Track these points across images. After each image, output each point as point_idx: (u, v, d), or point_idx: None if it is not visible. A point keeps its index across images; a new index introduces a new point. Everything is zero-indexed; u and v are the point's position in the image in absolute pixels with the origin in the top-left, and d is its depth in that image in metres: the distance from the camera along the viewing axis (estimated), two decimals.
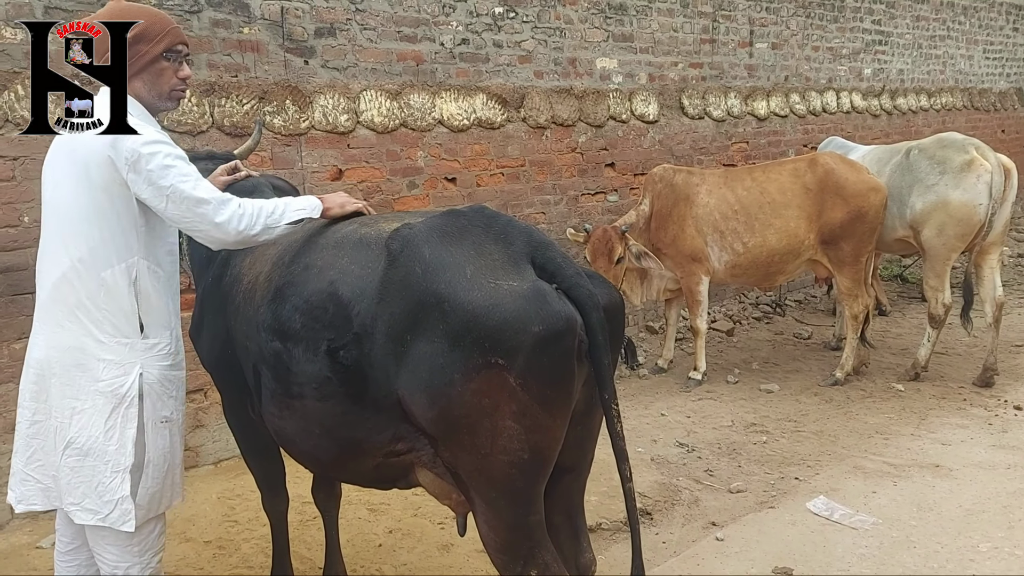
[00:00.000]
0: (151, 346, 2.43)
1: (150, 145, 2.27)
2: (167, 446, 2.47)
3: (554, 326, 2.09)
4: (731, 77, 8.06)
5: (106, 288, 2.35)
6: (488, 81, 6.03)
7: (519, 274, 2.18)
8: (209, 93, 4.62)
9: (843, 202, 5.65)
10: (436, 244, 2.22)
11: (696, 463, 4.66)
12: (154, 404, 2.42)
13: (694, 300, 5.96)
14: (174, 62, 2.42)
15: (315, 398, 2.35)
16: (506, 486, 2.18)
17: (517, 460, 2.14)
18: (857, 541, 3.69)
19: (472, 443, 2.15)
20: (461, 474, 2.24)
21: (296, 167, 5.01)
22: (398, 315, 2.19)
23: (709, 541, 3.75)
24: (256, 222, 2.40)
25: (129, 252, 2.37)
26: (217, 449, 4.76)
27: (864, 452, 4.71)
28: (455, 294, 2.12)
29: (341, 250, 2.44)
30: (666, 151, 7.41)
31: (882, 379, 6.03)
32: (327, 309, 2.32)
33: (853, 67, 9.59)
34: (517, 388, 2.09)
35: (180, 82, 2.46)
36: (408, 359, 2.17)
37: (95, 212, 2.31)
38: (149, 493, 2.43)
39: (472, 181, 6.01)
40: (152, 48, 2.35)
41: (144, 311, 2.41)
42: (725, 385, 6.03)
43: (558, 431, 2.20)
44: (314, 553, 3.68)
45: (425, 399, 2.16)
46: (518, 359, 2.07)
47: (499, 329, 2.07)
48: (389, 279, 2.24)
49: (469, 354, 2.09)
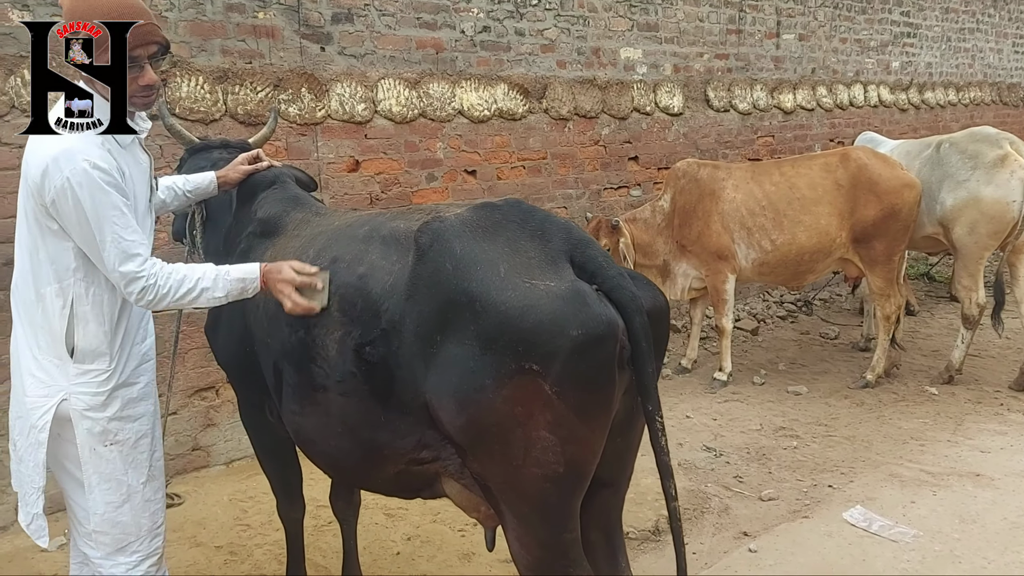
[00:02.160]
0: (82, 372, 2.27)
1: (80, 188, 2.07)
2: (117, 469, 2.32)
3: (594, 330, 1.93)
4: (757, 69, 7.85)
5: (42, 305, 2.23)
6: (509, 70, 5.86)
7: (557, 273, 2.01)
8: (222, 80, 4.46)
9: (876, 199, 5.44)
10: (468, 239, 2.07)
11: (725, 468, 4.48)
12: (90, 429, 2.27)
13: (720, 299, 5.77)
14: (128, 69, 2.12)
15: (338, 392, 2.21)
16: (539, 501, 2.03)
17: (552, 474, 1.98)
18: (898, 555, 3.51)
19: (503, 454, 1.99)
20: (491, 487, 2.08)
21: (312, 158, 4.86)
22: (427, 314, 2.04)
23: (742, 552, 3.58)
24: (166, 294, 2.21)
25: (66, 273, 2.21)
26: (229, 449, 4.61)
27: (900, 459, 4.52)
28: (487, 293, 1.96)
29: (370, 244, 2.29)
30: (691, 144, 7.22)
31: (914, 382, 5.83)
32: (356, 304, 2.19)
33: (881, 60, 9.36)
34: (553, 396, 1.93)
35: (141, 89, 2.18)
36: (437, 361, 2.02)
37: (36, 224, 2.19)
38: (107, 519, 2.32)
39: (492, 174, 5.84)
40: (99, 57, 2.08)
41: (79, 336, 2.25)
42: (751, 386, 5.84)
43: (596, 443, 2.04)
44: (329, 561, 3.53)
45: (454, 405, 2.00)
46: (555, 365, 1.91)
47: (534, 332, 1.91)
48: (418, 275, 2.08)
49: (502, 358, 1.93)
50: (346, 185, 5.03)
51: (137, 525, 2.36)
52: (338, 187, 4.97)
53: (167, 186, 2.78)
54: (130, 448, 2.34)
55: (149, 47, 2.15)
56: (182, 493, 4.20)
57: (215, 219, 3.04)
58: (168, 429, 4.04)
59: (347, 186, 5.03)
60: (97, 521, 2.32)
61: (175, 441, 4.38)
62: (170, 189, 2.79)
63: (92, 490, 2.31)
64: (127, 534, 2.35)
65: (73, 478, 2.33)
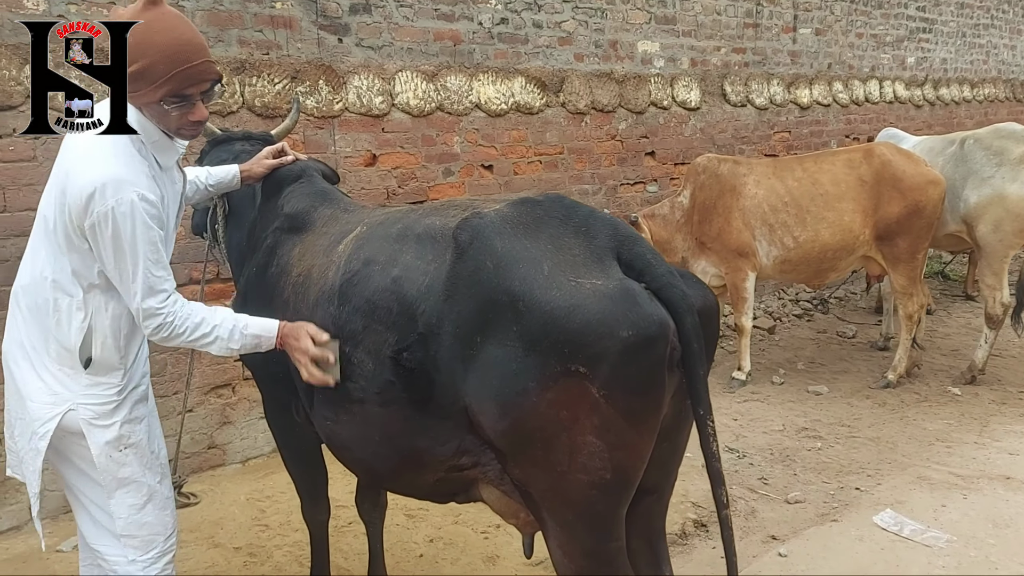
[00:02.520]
0: (94, 383, 2.21)
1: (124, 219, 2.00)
2: (135, 471, 2.28)
3: (645, 331, 1.84)
4: (774, 63, 7.76)
5: (59, 315, 2.17)
6: (527, 63, 5.77)
7: (604, 271, 1.93)
8: (239, 71, 4.38)
9: (900, 196, 5.35)
10: (509, 236, 1.98)
11: (749, 470, 4.40)
12: (103, 436, 2.22)
13: (739, 297, 5.68)
14: (179, 107, 2.09)
15: (375, 403, 2.13)
16: (584, 508, 1.95)
17: (598, 480, 1.90)
18: (932, 560, 3.43)
19: (547, 460, 1.92)
20: (533, 493, 2.00)
21: (329, 151, 4.77)
22: (466, 315, 1.96)
23: (772, 557, 3.50)
24: (181, 334, 2.17)
25: (89, 287, 2.16)
26: (245, 447, 4.54)
27: (927, 461, 4.44)
28: (531, 292, 1.87)
29: (405, 243, 2.21)
30: (707, 139, 7.13)
31: (936, 382, 5.75)
32: (391, 309, 2.10)
33: (896, 55, 9.27)
34: (600, 400, 1.85)
35: (189, 124, 2.15)
36: (477, 364, 1.94)
37: (64, 237, 2.11)
38: (133, 521, 2.29)
39: (509, 169, 5.75)
40: (150, 93, 2.04)
41: (96, 349, 2.19)
42: (771, 386, 5.77)
43: (644, 449, 1.96)
44: (351, 563, 3.46)
45: (495, 409, 1.92)
46: (602, 368, 1.83)
47: (581, 333, 1.83)
48: (457, 274, 2.00)
49: (546, 360, 1.85)
50: (363, 179, 4.95)
51: (163, 524, 2.35)
52: (355, 181, 4.89)
53: (190, 181, 2.69)
54: (144, 449, 2.31)
55: (202, 85, 2.11)
56: (198, 492, 4.13)
57: (238, 213, 2.97)
58: (184, 427, 3.96)
59: (364, 180, 4.95)
60: (123, 524, 2.27)
61: (191, 439, 4.30)
62: (192, 183, 2.70)
63: (112, 494, 2.27)
64: (155, 534, 2.32)
65: (88, 478, 2.27)
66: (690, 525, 3.77)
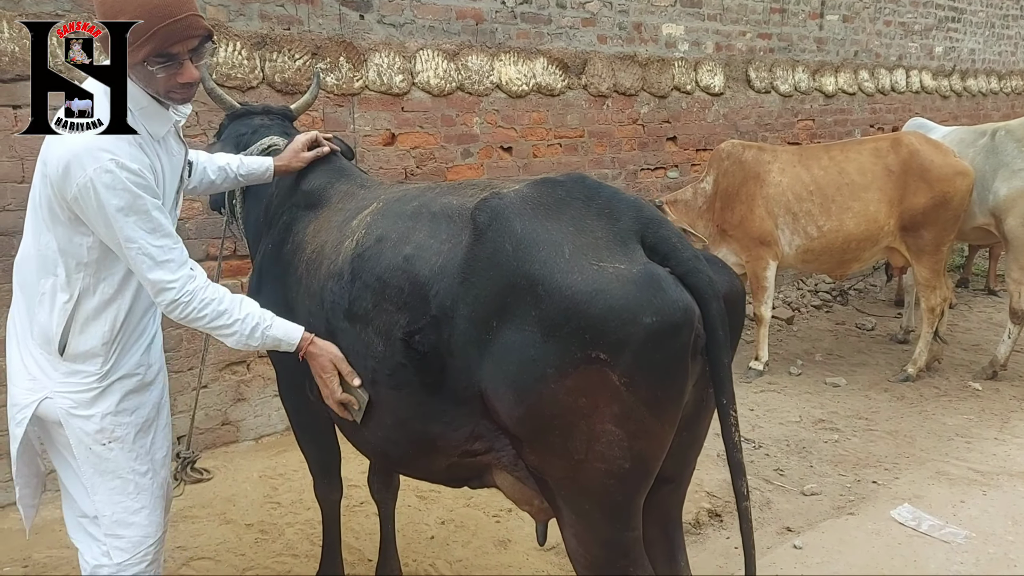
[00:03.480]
0: (71, 371, 2.08)
1: (105, 189, 1.88)
2: (121, 467, 2.13)
3: (669, 318, 1.78)
4: (799, 50, 7.64)
5: (42, 296, 2.06)
6: (549, 44, 5.70)
7: (627, 255, 1.86)
8: (260, 46, 4.34)
9: (927, 186, 5.26)
10: (529, 217, 1.92)
11: (764, 461, 4.36)
12: (82, 427, 2.08)
13: (759, 286, 5.62)
14: (165, 67, 1.93)
15: (387, 386, 2.09)
16: (601, 497, 1.90)
17: (616, 469, 1.85)
18: (951, 556, 3.37)
19: (564, 447, 1.87)
20: (548, 481, 1.96)
21: (348, 129, 4.73)
22: (483, 298, 1.90)
23: (786, 549, 3.46)
24: (200, 318, 2.05)
25: (77, 266, 2.02)
26: (259, 424, 4.53)
27: (945, 456, 4.37)
28: (551, 276, 1.81)
29: (419, 221, 2.15)
30: (730, 126, 7.04)
31: (956, 376, 5.67)
32: (402, 288, 2.05)
33: (924, 44, 9.12)
34: (621, 388, 1.79)
35: (180, 86, 1.99)
36: (493, 349, 1.89)
37: (48, 211, 1.99)
38: (118, 521, 2.14)
39: (528, 151, 5.69)
40: (132, 53, 1.89)
41: (75, 334, 2.06)
42: (788, 377, 5.70)
43: (665, 438, 1.91)
44: (362, 543, 3.45)
45: (512, 395, 1.87)
46: (624, 354, 1.77)
47: (603, 319, 1.77)
48: (474, 256, 1.94)
49: (566, 346, 1.79)
50: (381, 159, 4.91)
51: (154, 524, 2.20)
52: (373, 160, 4.85)
53: (220, 166, 2.61)
54: (131, 443, 2.15)
55: (189, 42, 1.94)
56: (211, 468, 4.11)
57: (256, 189, 2.93)
58: (199, 402, 3.94)
59: (382, 160, 4.91)
60: (108, 524, 2.14)
61: (205, 415, 4.30)
62: (223, 170, 2.62)
63: (96, 491, 2.13)
64: (145, 536, 2.18)
65: (71, 470, 2.16)
66: (704, 515, 3.74)
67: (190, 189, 2.55)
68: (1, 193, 3.67)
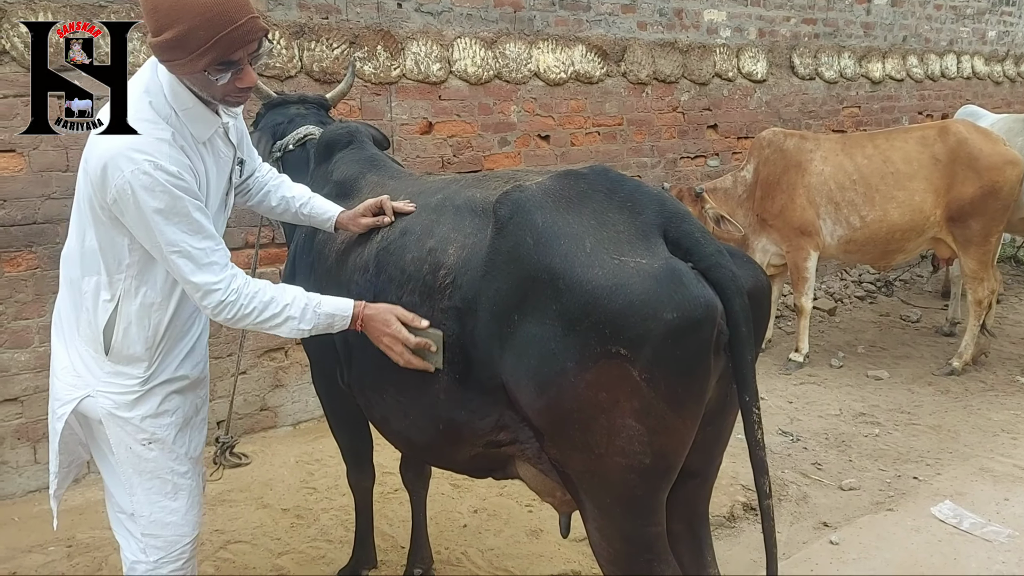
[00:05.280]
0: (115, 372, 2.07)
1: (143, 191, 1.84)
2: (161, 467, 2.14)
3: (691, 314, 1.75)
4: (846, 35, 7.47)
5: (84, 294, 2.05)
6: (588, 31, 5.65)
7: (649, 250, 1.84)
8: (298, 36, 4.37)
9: (976, 176, 5.12)
10: (551, 211, 1.91)
11: (802, 455, 4.30)
12: (123, 428, 2.08)
13: (800, 276, 5.53)
14: (227, 73, 1.89)
15: (412, 375, 2.10)
16: (623, 492, 1.89)
17: (637, 464, 1.84)
18: (992, 555, 3.30)
19: (584, 441, 1.86)
20: (570, 474, 1.96)
21: (385, 118, 4.75)
22: (504, 291, 1.90)
23: (823, 544, 3.41)
24: (248, 313, 2.00)
25: (118, 267, 2.01)
26: (296, 410, 4.60)
27: (990, 452, 4.27)
28: (572, 270, 1.80)
29: (442, 214, 2.16)
30: (773, 113, 6.92)
31: (1003, 371, 5.53)
32: (424, 281, 2.06)
33: (976, 29, 8.85)
34: (641, 383, 1.77)
35: (236, 91, 1.95)
36: (514, 342, 1.88)
37: (89, 208, 1.97)
38: (156, 521, 2.14)
39: (566, 140, 5.66)
40: (192, 63, 1.84)
41: (118, 336, 2.04)
42: (829, 369, 5.61)
43: (686, 434, 1.89)
44: (395, 530, 3.49)
45: (532, 388, 1.87)
46: (644, 350, 1.75)
47: (623, 314, 1.75)
48: (496, 249, 1.94)
49: (586, 341, 1.78)
50: (418, 147, 4.92)
51: (190, 524, 2.20)
52: (410, 149, 4.87)
53: (284, 197, 2.49)
54: (171, 444, 2.15)
55: (250, 46, 1.89)
56: (249, 453, 4.20)
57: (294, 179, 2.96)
58: (237, 388, 4.02)
59: (419, 148, 4.93)
60: (146, 523, 2.14)
61: (244, 400, 4.37)
62: (285, 201, 2.49)
63: (134, 491, 2.12)
64: (181, 535, 2.18)
65: (111, 468, 2.17)
66: (739, 508, 3.71)
67: (245, 201, 2.49)
68: (46, 181, 3.76)
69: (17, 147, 3.66)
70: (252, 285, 2.01)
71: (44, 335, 3.80)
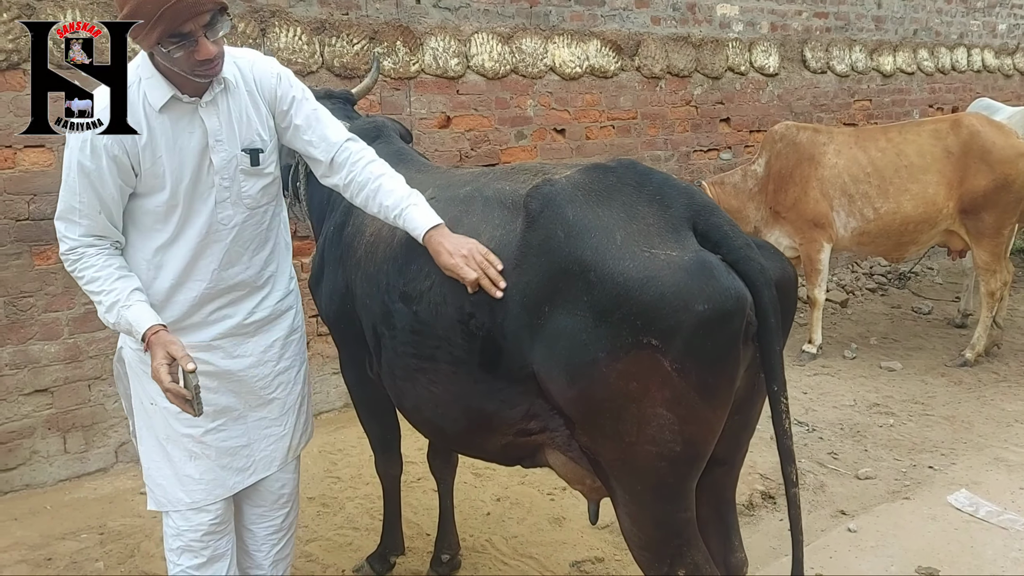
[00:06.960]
0: None
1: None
2: (158, 431, 2.25)
3: (722, 305, 1.80)
4: (857, 29, 7.50)
5: None
6: (603, 26, 5.69)
7: (679, 242, 1.89)
8: (319, 31, 4.43)
9: (988, 168, 5.16)
10: (581, 204, 1.96)
11: (818, 444, 4.35)
12: (139, 381, 2.24)
13: (813, 269, 5.57)
14: (181, 46, 1.92)
15: (444, 364, 2.15)
16: (653, 479, 1.94)
17: (668, 452, 1.89)
18: (1008, 543, 3.35)
19: (615, 430, 1.91)
20: (601, 462, 2.01)
21: (404, 112, 4.81)
22: (536, 284, 1.95)
23: (841, 532, 3.47)
24: (79, 283, 2.16)
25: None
26: (318, 401, 4.66)
27: (1004, 442, 4.32)
28: (603, 262, 1.85)
29: (471, 206, 2.21)
30: (784, 107, 6.96)
31: (1016, 362, 5.57)
32: None
33: (987, 22, 8.85)
34: (672, 373, 1.82)
35: (199, 64, 1.96)
36: (545, 332, 1.93)
37: None
38: (148, 475, 2.30)
39: (581, 133, 5.71)
40: (146, 37, 1.90)
41: None
42: (842, 360, 5.66)
43: (716, 423, 1.94)
44: (420, 517, 3.55)
45: (564, 377, 1.92)
46: (675, 341, 1.80)
47: (654, 306, 1.79)
48: (527, 243, 1.99)
49: (617, 332, 1.83)
50: (436, 141, 4.98)
51: (174, 496, 2.27)
52: (428, 143, 4.92)
53: (382, 205, 2.26)
54: (173, 416, 2.21)
55: (200, 18, 1.91)
56: None
57: None
58: None
59: (437, 142, 4.98)
60: (144, 472, 2.32)
61: None
62: (384, 211, 2.26)
63: (141, 440, 2.30)
64: (167, 499, 2.28)
65: None
66: (757, 496, 3.76)
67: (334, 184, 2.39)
68: None
69: (47, 143, 3.73)
70: (96, 260, 2.11)
71: (74, 327, 3.87)
